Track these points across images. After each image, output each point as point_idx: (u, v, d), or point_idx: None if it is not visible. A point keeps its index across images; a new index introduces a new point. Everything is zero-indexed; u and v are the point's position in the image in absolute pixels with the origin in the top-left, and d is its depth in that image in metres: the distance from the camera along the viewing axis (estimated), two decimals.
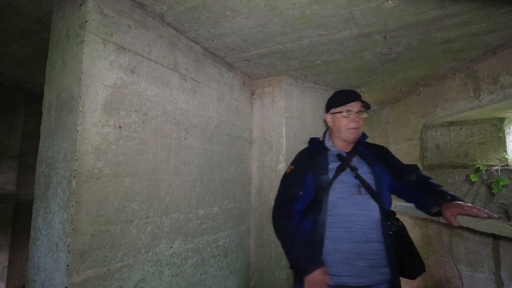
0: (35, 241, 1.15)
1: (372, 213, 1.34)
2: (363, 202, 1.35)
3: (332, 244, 1.35)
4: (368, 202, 1.35)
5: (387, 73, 2.03)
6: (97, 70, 1.12)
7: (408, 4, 1.21)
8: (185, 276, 1.51)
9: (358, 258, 1.30)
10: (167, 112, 1.44)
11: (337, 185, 1.38)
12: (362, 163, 1.44)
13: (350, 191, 1.38)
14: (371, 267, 1.30)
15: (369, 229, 1.33)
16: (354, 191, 1.37)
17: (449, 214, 1.26)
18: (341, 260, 1.33)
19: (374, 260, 1.31)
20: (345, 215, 1.35)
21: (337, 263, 1.34)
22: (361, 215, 1.34)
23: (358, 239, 1.32)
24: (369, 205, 1.35)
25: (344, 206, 1.35)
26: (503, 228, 1.33)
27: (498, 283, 1.63)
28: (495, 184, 1.69)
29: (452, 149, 2.22)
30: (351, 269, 1.31)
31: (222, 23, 1.41)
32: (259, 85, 2.25)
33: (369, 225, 1.33)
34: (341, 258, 1.33)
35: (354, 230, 1.32)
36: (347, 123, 1.45)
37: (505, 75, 1.58)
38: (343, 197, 1.36)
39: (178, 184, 1.48)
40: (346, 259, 1.32)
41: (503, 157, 1.93)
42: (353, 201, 1.35)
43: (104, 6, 1.15)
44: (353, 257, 1.31)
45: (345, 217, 1.34)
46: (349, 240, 1.33)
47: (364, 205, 1.35)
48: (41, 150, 1.20)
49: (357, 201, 1.35)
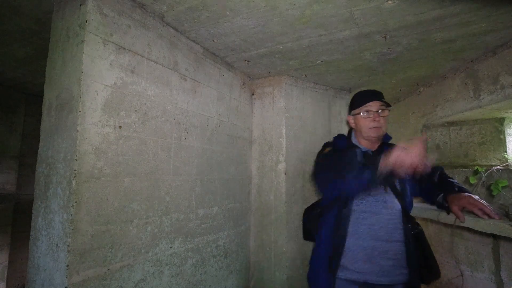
0: (35, 241, 1.15)
1: (395, 212, 1.34)
2: (388, 200, 1.36)
3: (355, 240, 1.34)
4: (393, 201, 1.35)
5: (387, 73, 2.03)
6: (97, 70, 1.12)
7: (408, 4, 1.21)
8: (185, 276, 1.51)
9: (381, 257, 1.30)
10: (167, 112, 1.44)
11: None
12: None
13: (377, 189, 1.38)
14: (393, 266, 1.30)
15: (392, 228, 1.33)
16: (381, 190, 1.38)
17: (456, 208, 1.27)
18: (363, 256, 1.33)
19: (396, 260, 1.31)
20: (370, 211, 1.35)
21: (359, 259, 1.33)
22: (386, 214, 1.34)
23: (381, 237, 1.31)
24: (393, 204, 1.35)
25: (369, 203, 1.36)
26: (503, 228, 1.33)
27: (498, 283, 1.63)
28: (495, 186, 1.69)
29: (452, 149, 2.22)
30: (373, 267, 1.30)
31: (222, 23, 1.41)
32: (259, 85, 2.25)
33: (392, 224, 1.33)
34: (363, 254, 1.33)
35: (378, 227, 1.32)
36: (368, 123, 1.46)
37: (505, 75, 1.58)
38: (370, 194, 1.37)
39: (178, 184, 1.48)
40: (369, 256, 1.32)
41: (503, 157, 1.93)
42: (379, 198, 1.36)
43: (104, 6, 1.15)
44: (375, 255, 1.31)
45: (369, 213, 1.35)
46: (372, 237, 1.32)
47: (389, 204, 1.35)
48: (41, 150, 1.20)
49: (383, 199, 1.35)
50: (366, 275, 1.32)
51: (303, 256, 2.08)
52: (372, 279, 1.30)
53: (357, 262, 1.33)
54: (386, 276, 1.29)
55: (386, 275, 1.29)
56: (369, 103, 1.47)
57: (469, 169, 1.98)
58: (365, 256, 1.32)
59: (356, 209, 1.36)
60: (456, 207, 1.27)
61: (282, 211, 2.03)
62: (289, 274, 2.00)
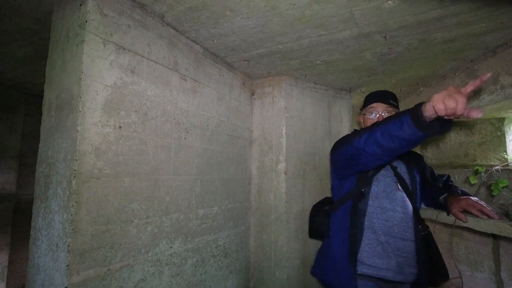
0: (35, 241, 1.15)
1: (408, 211, 1.36)
2: (402, 198, 1.37)
3: (372, 234, 1.34)
4: (405, 199, 1.37)
5: (387, 73, 2.03)
6: (97, 70, 1.12)
7: (408, 4, 1.21)
8: (185, 276, 1.51)
9: (396, 253, 1.31)
10: (167, 112, 1.44)
11: (380, 177, 1.41)
12: (400, 163, 1.47)
13: (391, 186, 1.40)
14: (406, 264, 1.31)
15: (405, 226, 1.34)
16: (395, 187, 1.39)
17: (456, 210, 1.27)
18: (380, 252, 1.32)
19: (407, 258, 1.32)
20: (384, 207, 1.36)
21: (376, 254, 1.33)
22: (399, 211, 1.35)
23: (395, 234, 1.32)
24: (406, 202, 1.37)
25: (384, 199, 1.37)
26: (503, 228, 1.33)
27: (498, 283, 1.63)
28: (495, 186, 1.68)
29: (452, 149, 2.22)
30: (389, 263, 1.30)
31: (222, 23, 1.41)
32: (259, 85, 2.25)
33: (405, 223, 1.34)
34: (380, 249, 1.32)
35: (392, 224, 1.33)
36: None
37: (505, 75, 1.58)
38: (385, 190, 1.39)
39: (178, 184, 1.48)
40: (385, 252, 1.31)
41: (503, 157, 1.93)
42: (394, 196, 1.37)
43: (104, 6, 1.15)
44: (391, 251, 1.31)
45: (384, 209, 1.36)
46: (387, 233, 1.33)
47: (403, 202, 1.37)
48: (41, 150, 1.20)
49: (397, 197, 1.37)
50: (382, 271, 1.31)
51: (303, 256, 2.08)
52: (389, 275, 1.30)
53: (374, 256, 1.33)
54: (401, 274, 1.30)
55: (401, 273, 1.30)
56: (373, 104, 1.50)
57: (469, 169, 1.98)
58: (381, 251, 1.32)
59: (372, 204, 1.38)
60: (455, 209, 1.27)
61: (282, 211, 2.03)
62: (289, 274, 2.00)
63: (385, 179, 1.42)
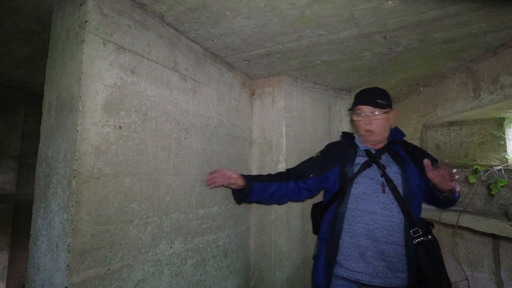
0: (35, 241, 1.15)
1: (394, 214, 1.29)
2: (386, 201, 1.31)
3: (350, 238, 1.33)
4: (392, 202, 1.31)
5: (387, 73, 2.03)
6: (97, 70, 1.12)
7: (408, 4, 1.21)
8: (185, 276, 1.51)
9: (375, 257, 1.27)
10: (167, 112, 1.44)
11: (362, 179, 1.36)
12: (392, 162, 1.39)
13: (373, 188, 1.35)
14: (388, 268, 1.26)
15: (390, 230, 1.28)
16: (378, 189, 1.34)
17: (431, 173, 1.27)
18: (356, 255, 1.31)
19: (391, 263, 1.26)
20: (364, 210, 1.32)
21: (353, 257, 1.32)
22: (382, 214, 1.30)
23: (376, 237, 1.28)
24: (392, 205, 1.30)
25: (365, 202, 1.33)
26: (503, 228, 1.33)
27: (498, 283, 1.63)
28: (494, 185, 1.68)
29: (452, 149, 2.22)
30: (366, 267, 1.28)
31: (222, 23, 1.41)
32: (259, 85, 2.25)
33: (389, 226, 1.29)
34: (357, 253, 1.31)
35: (373, 228, 1.30)
36: (361, 125, 1.45)
37: (505, 75, 1.58)
38: (365, 192, 1.34)
39: (178, 184, 1.48)
40: (362, 255, 1.29)
41: (503, 157, 1.93)
42: (376, 198, 1.32)
43: (104, 6, 1.15)
44: (369, 255, 1.28)
45: (364, 212, 1.32)
46: (367, 237, 1.30)
47: (387, 205, 1.31)
48: (41, 150, 1.20)
49: (379, 199, 1.32)
50: (358, 274, 1.29)
51: (303, 256, 2.08)
52: (364, 279, 1.28)
53: (350, 260, 1.32)
54: (379, 277, 1.26)
55: (379, 277, 1.26)
56: (360, 106, 1.45)
57: (469, 169, 1.98)
58: (358, 254, 1.30)
59: (352, 207, 1.35)
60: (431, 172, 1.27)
61: (282, 211, 2.03)
62: (289, 274, 2.01)
63: (367, 181, 1.36)
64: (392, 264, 1.27)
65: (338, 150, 1.60)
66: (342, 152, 1.54)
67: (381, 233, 1.29)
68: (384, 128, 1.44)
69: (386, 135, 1.46)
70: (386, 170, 1.36)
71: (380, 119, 1.42)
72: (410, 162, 1.40)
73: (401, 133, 1.49)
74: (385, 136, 1.46)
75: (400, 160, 1.39)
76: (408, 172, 1.36)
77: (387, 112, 1.44)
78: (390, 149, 1.43)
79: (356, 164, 1.43)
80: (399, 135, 1.48)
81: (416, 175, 1.38)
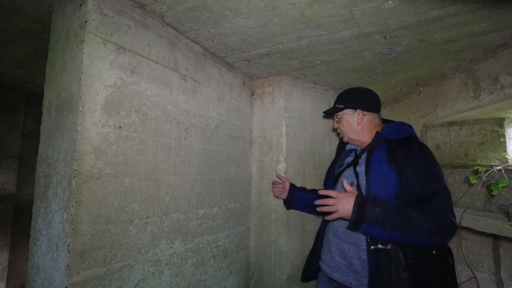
0: (35, 241, 1.15)
1: None
2: None
3: (328, 232, 1.46)
4: None
5: (387, 73, 2.03)
6: (97, 70, 1.12)
7: (408, 4, 1.21)
8: (185, 276, 1.51)
9: (337, 253, 1.35)
10: (167, 112, 1.44)
11: (342, 179, 1.42)
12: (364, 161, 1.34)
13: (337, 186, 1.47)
14: (349, 268, 1.27)
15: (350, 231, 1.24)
16: (340, 186, 1.43)
17: None
18: (326, 248, 1.44)
19: (352, 264, 1.25)
20: None
21: (324, 249, 1.45)
22: None
23: (339, 235, 1.35)
24: None
25: None
26: (503, 228, 1.33)
27: (498, 283, 1.63)
28: (494, 185, 1.69)
29: (452, 149, 2.22)
30: (330, 260, 1.37)
31: (222, 23, 1.41)
32: (259, 85, 2.25)
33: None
34: (327, 246, 1.44)
35: (337, 225, 1.37)
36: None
37: (505, 75, 1.58)
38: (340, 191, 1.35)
39: (178, 184, 1.48)
40: (329, 249, 1.40)
41: (503, 157, 1.93)
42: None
43: (104, 6, 1.15)
44: (333, 250, 1.37)
45: None
46: (333, 233, 1.40)
47: None
48: (41, 150, 1.20)
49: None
50: (324, 265, 1.41)
51: (303, 256, 2.08)
52: (327, 270, 1.37)
53: (323, 251, 1.46)
54: (340, 274, 1.30)
55: (340, 273, 1.31)
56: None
57: (469, 169, 1.98)
58: (327, 248, 1.42)
59: None
60: None
61: (282, 211, 2.03)
62: (289, 274, 2.00)
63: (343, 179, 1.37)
64: (353, 266, 1.24)
65: (339, 150, 1.69)
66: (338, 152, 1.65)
67: (342, 231, 1.33)
68: (351, 130, 1.40)
69: (365, 135, 1.39)
70: (357, 170, 1.33)
71: (342, 124, 1.47)
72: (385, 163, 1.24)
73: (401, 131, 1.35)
74: (364, 136, 1.39)
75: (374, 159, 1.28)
76: (372, 173, 1.24)
77: (347, 114, 1.41)
78: (373, 148, 1.33)
79: (344, 163, 1.51)
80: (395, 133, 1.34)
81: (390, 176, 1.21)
